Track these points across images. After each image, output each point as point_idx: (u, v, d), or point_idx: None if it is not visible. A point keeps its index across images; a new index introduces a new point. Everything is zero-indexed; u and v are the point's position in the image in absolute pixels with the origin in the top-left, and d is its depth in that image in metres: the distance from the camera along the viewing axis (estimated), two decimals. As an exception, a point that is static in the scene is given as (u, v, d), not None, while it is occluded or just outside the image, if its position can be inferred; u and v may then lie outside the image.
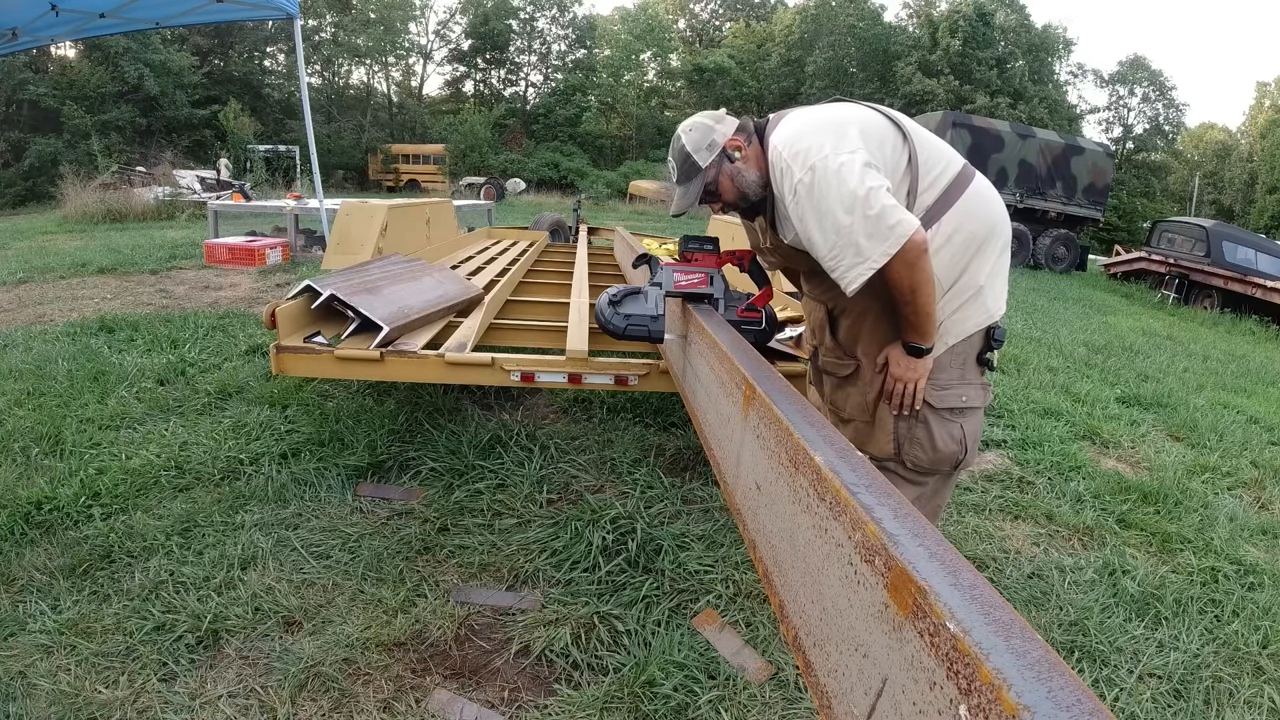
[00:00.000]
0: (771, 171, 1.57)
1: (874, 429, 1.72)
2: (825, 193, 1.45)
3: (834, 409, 1.83)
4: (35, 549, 2.02)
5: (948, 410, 1.64)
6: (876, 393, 1.69)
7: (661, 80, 40.29)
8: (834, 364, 1.77)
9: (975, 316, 1.65)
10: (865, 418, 1.74)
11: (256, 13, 7.26)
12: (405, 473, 2.60)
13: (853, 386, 1.75)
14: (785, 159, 1.51)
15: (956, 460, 1.68)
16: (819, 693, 0.72)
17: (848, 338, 1.71)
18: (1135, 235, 27.15)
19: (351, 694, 1.58)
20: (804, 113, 1.61)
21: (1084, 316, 8.28)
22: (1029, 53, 34.37)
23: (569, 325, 2.70)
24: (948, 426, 1.65)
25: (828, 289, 1.68)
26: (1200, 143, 44.12)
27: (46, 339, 4.00)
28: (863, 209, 1.42)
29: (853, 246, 1.44)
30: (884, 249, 1.42)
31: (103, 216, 11.50)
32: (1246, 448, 3.77)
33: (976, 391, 1.67)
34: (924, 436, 1.66)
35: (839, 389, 1.80)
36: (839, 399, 1.81)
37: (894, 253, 1.41)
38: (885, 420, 1.70)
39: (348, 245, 3.67)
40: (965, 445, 1.66)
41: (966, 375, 1.66)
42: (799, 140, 1.52)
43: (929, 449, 1.66)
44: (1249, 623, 2.11)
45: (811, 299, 1.82)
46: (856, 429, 1.76)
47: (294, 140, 24.39)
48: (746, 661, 1.77)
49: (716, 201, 1.71)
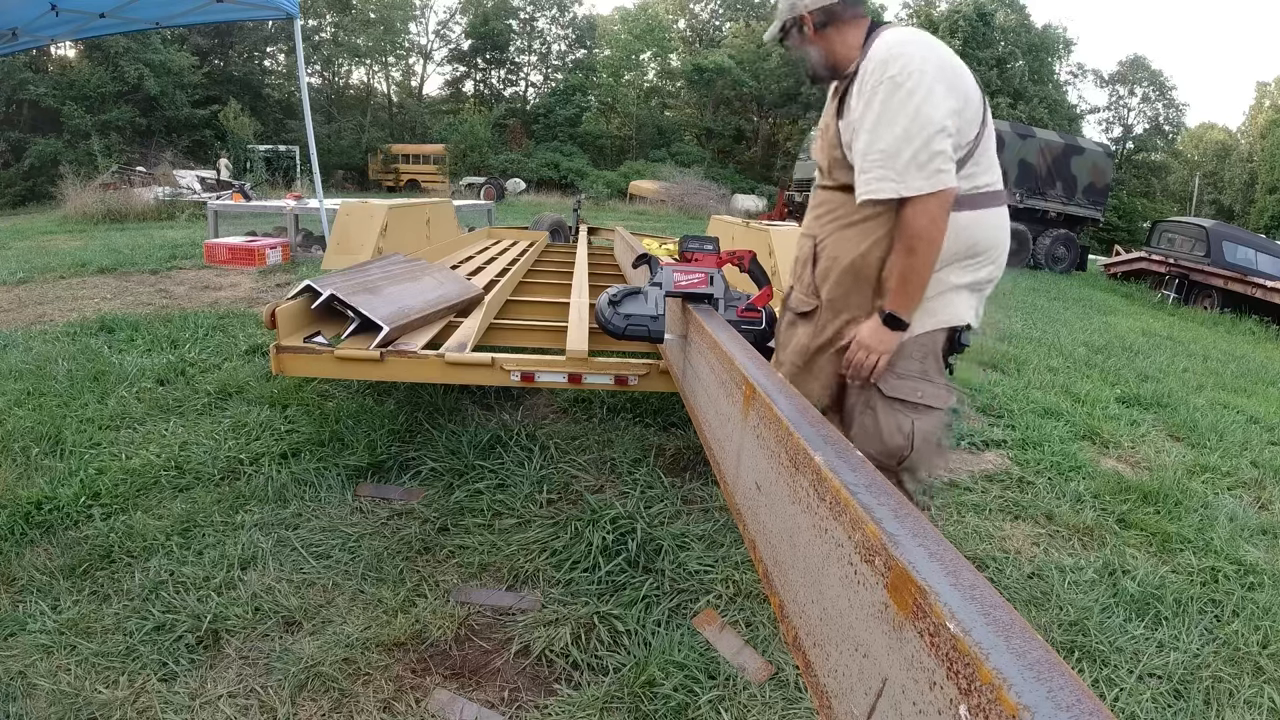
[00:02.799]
0: (866, 61, 1.54)
1: (806, 374, 1.72)
2: (904, 102, 1.45)
3: (780, 347, 1.83)
4: (35, 549, 2.02)
5: (899, 401, 1.62)
6: (823, 342, 1.68)
7: (661, 80, 40.31)
8: (800, 300, 1.76)
9: (943, 313, 1.63)
10: (799, 361, 1.73)
11: (256, 13, 7.26)
12: (405, 473, 2.60)
13: (804, 326, 1.73)
14: (893, 51, 1.50)
15: (901, 457, 1.64)
16: (819, 693, 0.72)
17: (820, 275, 1.69)
18: (1135, 235, 27.16)
19: (351, 694, 1.58)
20: (934, 40, 1.59)
21: (1084, 316, 8.28)
22: (1029, 53, 34.35)
23: (569, 325, 2.70)
24: (896, 418, 1.62)
25: (825, 221, 1.69)
26: (1200, 143, 44.12)
27: (46, 339, 4.00)
28: (924, 139, 1.43)
29: (894, 162, 1.44)
30: (919, 184, 1.43)
31: (103, 216, 11.49)
32: (1246, 448, 3.77)
33: (935, 390, 1.64)
34: (871, 425, 1.64)
35: (790, 327, 1.79)
36: (785, 338, 1.80)
37: (926, 192, 1.43)
38: (822, 372, 1.70)
39: (348, 245, 3.67)
40: (912, 443, 1.62)
41: (927, 371, 1.63)
42: (912, 45, 1.51)
43: (874, 438, 1.64)
44: (1249, 623, 2.11)
45: (805, 233, 1.81)
46: (788, 372, 1.74)
47: (294, 140, 24.40)
48: (746, 661, 1.77)
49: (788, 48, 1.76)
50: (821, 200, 1.74)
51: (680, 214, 21.01)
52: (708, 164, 33.42)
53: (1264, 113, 39.27)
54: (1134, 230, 29.81)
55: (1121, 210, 32.66)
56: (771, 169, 35.89)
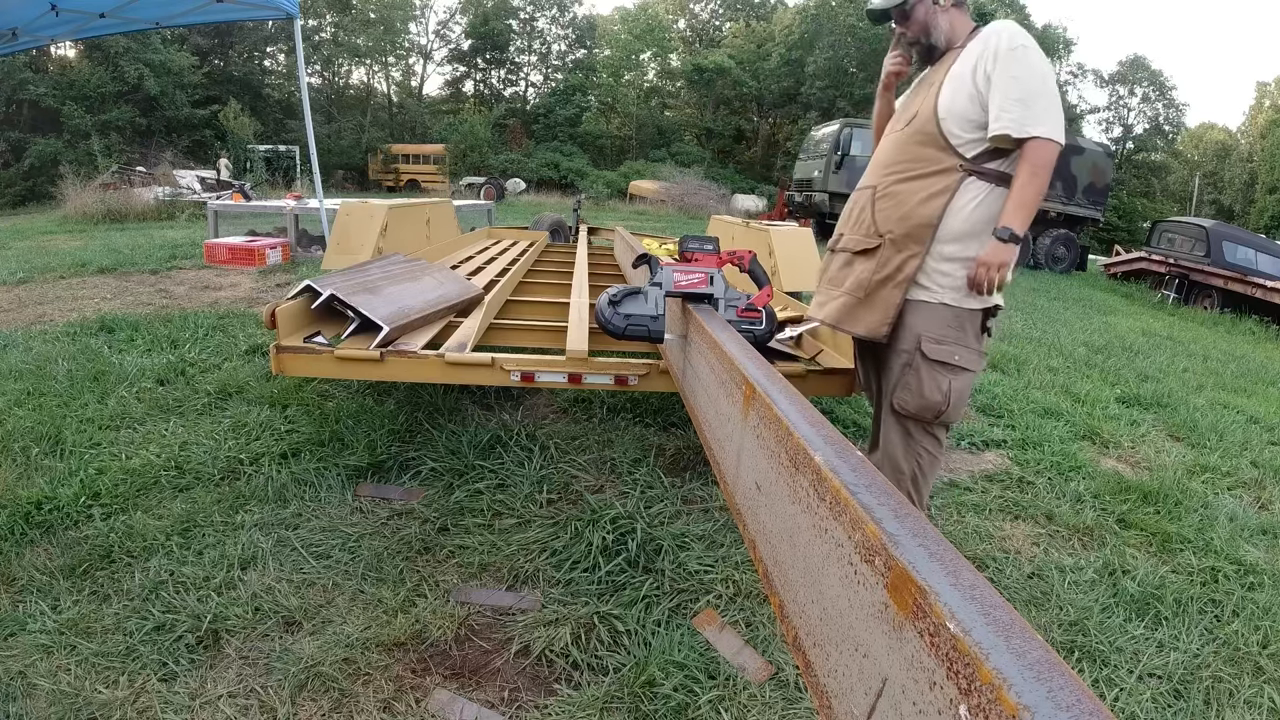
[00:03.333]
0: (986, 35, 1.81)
1: (866, 307, 1.92)
2: (1035, 66, 1.76)
3: (831, 285, 2.04)
4: (35, 549, 2.02)
5: (939, 364, 1.83)
6: (885, 275, 1.88)
7: (661, 80, 40.31)
8: (858, 240, 1.96)
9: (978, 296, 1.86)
10: (860, 294, 1.93)
11: (256, 13, 7.26)
12: (405, 473, 2.60)
13: (863, 262, 1.94)
14: (1016, 32, 1.80)
15: (938, 411, 1.86)
16: (819, 693, 0.72)
17: (883, 217, 1.90)
18: (1135, 235, 27.17)
19: (351, 694, 1.58)
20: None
21: (1084, 316, 8.28)
22: (1029, 53, 34.27)
23: (569, 325, 2.70)
24: (936, 378, 1.84)
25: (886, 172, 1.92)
26: (1200, 143, 44.13)
27: (46, 339, 4.00)
28: (1051, 96, 1.76)
29: (1036, 107, 1.72)
30: (1051, 129, 1.73)
31: (103, 216, 11.48)
32: (1246, 448, 3.77)
33: (970, 355, 1.85)
34: (914, 382, 1.87)
35: (847, 265, 2.00)
36: (842, 275, 2.01)
37: (1053, 137, 1.72)
38: (884, 302, 1.89)
39: (348, 245, 3.67)
40: (949, 400, 1.85)
41: (964, 339, 1.85)
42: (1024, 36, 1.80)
43: (916, 394, 1.86)
44: (1249, 623, 2.11)
45: (863, 186, 2.02)
46: (845, 304, 1.97)
47: (294, 140, 24.40)
48: (746, 661, 1.77)
49: (904, 24, 1.95)
50: (887, 152, 1.96)
51: (680, 214, 21.01)
52: (708, 164, 33.42)
53: (1264, 113, 39.28)
54: (1134, 230, 29.81)
55: (1121, 210, 32.67)
56: (771, 169, 35.88)
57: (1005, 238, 1.75)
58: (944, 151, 1.83)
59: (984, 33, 1.83)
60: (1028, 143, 1.72)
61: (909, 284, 1.85)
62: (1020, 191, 1.74)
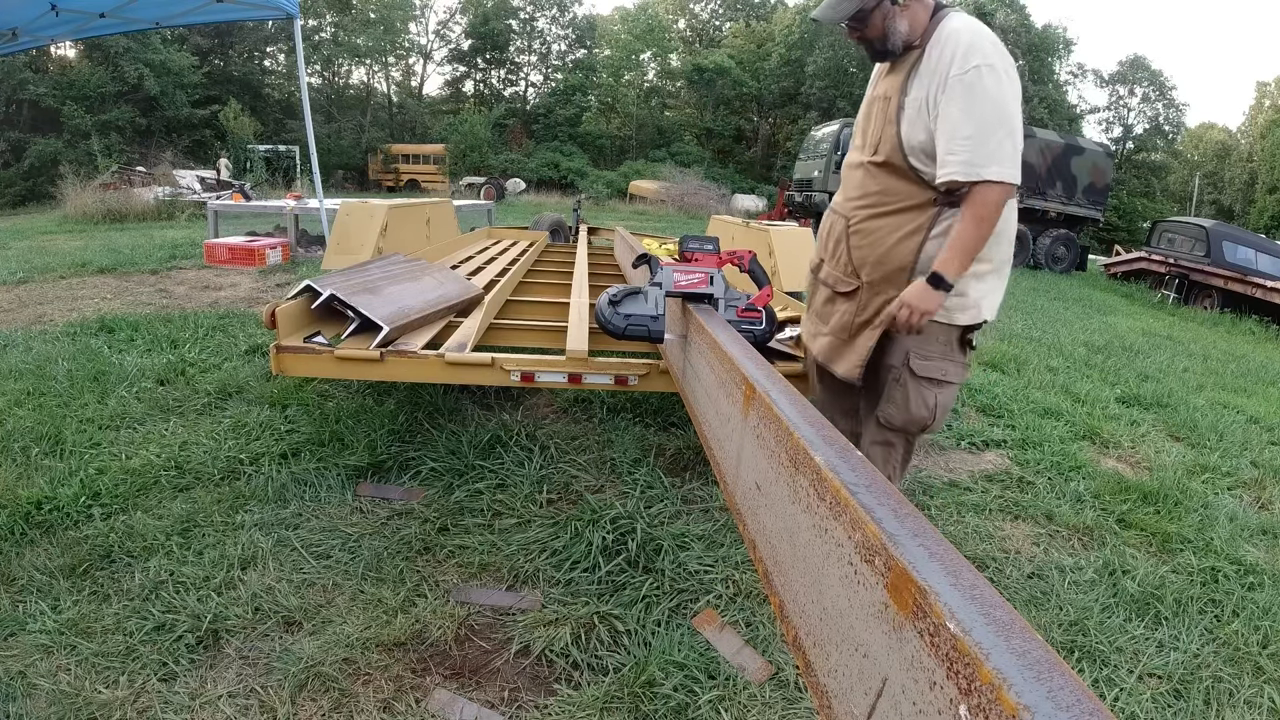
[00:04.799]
0: (943, 42, 1.67)
1: (847, 349, 1.91)
2: (998, 92, 1.59)
3: (818, 320, 2.04)
4: (35, 549, 2.02)
5: (927, 380, 1.84)
6: (865, 319, 1.87)
7: (661, 80, 40.28)
8: (838, 278, 1.94)
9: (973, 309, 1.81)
10: (844, 336, 1.93)
11: (256, 13, 7.27)
12: (405, 473, 2.60)
13: (845, 303, 1.92)
14: (972, 40, 1.63)
15: (924, 425, 1.88)
16: (819, 693, 0.72)
17: (859, 258, 1.86)
18: (1135, 235, 27.17)
19: (351, 694, 1.58)
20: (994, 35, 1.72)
21: (1084, 316, 8.28)
22: (1029, 53, 34.33)
23: (569, 325, 2.70)
24: (923, 393, 1.85)
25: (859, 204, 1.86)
26: (1200, 143, 44.13)
27: (46, 339, 4.00)
28: (1007, 130, 1.60)
29: (988, 145, 1.58)
30: (1001, 169, 1.59)
31: (103, 216, 11.48)
32: (1246, 448, 3.77)
33: (956, 369, 1.86)
34: (900, 398, 1.87)
35: (830, 302, 1.99)
36: (827, 311, 2.00)
37: (1004, 180, 1.59)
38: (861, 346, 1.88)
39: (348, 245, 3.66)
40: (934, 414, 1.87)
41: (950, 354, 1.85)
42: (988, 40, 1.65)
43: (902, 409, 1.87)
44: (1249, 623, 2.11)
45: (837, 212, 1.97)
46: (830, 343, 1.97)
47: (294, 140, 24.40)
48: (746, 661, 1.77)
49: (859, 31, 1.79)
50: (859, 181, 1.88)
51: (680, 214, 21.01)
52: (708, 164, 33.42)
53: (1264, 113, 39.28)
54: (1134, 230, 29.82)
55: (1121, 210, 32.66)
56: (771, 169, 35.87)
57: (934, 284, 1.66)
58: (915, 185, 1.75)
59: (941, 39, 1.68)
60: (976, 186, 1.60)
61: (884, 325, 1.81)
62: (960, 238, 1.63)
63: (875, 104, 1.85)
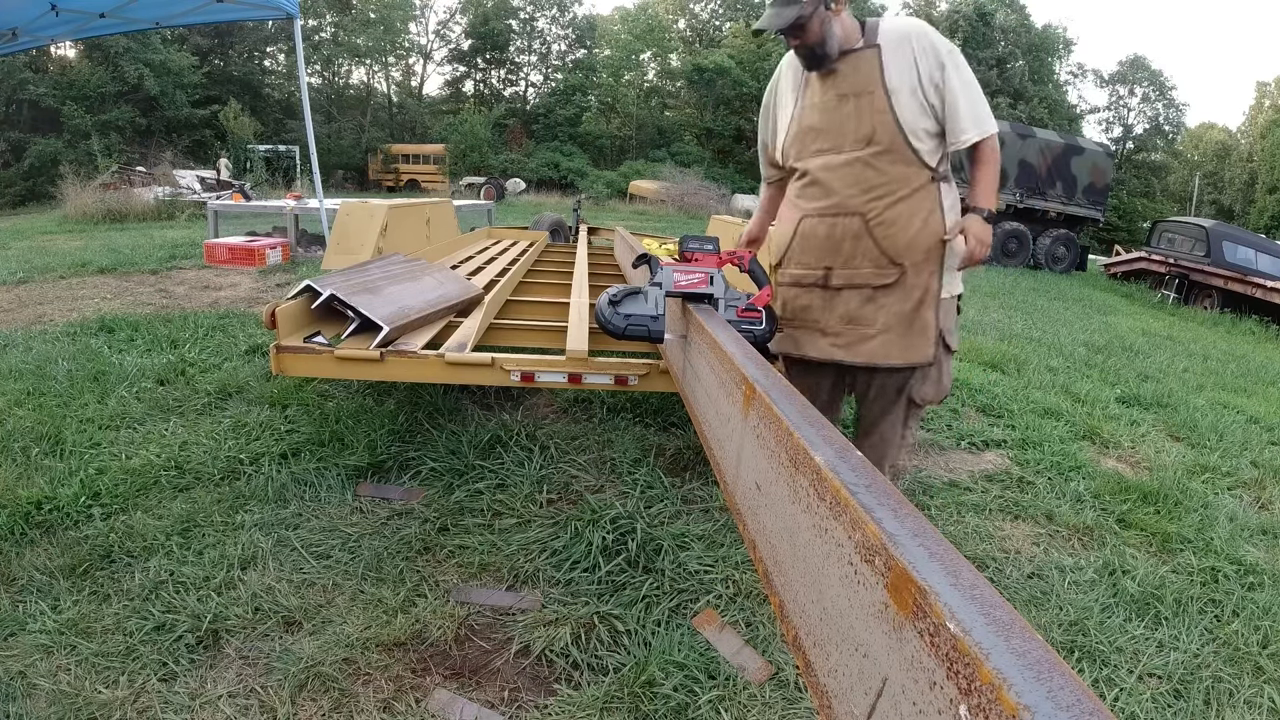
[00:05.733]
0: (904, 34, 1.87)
1: (913, 336, 1.93)
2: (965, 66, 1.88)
3: (855, 325, 1.98)
4: (35, 549, 2.02)
5: (951, 351, 2.03)
6: (918, 300, 1.91)
7: (661, 80, 40.27)
8: (871, 274, 1.93)
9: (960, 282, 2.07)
10: (902, 327, 1.92)
11: (256, 13, 7.27)
12: (405, 473, 2.60)
13: (890, 296, 1.92)
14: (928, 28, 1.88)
15: (946, 394, 2.10)
16: (819, 693, 0.72)
17: (892, 247, 1.90)
18: (1135, 235, 27.18)
19: (351, 694, 1.58)
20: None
21: (1084, 316, 8.28)
22: (1029, 53, 34.38)
23: (569, 325, 2.70)
24: (949, 364, 2.04)
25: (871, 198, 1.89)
26: (1200, 143, 44.12)
27: (46, 339, 4.00)
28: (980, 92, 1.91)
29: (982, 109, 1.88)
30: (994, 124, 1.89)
31: (103, 216, 11.47)
32: (1246, 448, 3.77)
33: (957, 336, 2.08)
34: (935, 375, 2.02)
35: (869, 302, 1.95)
36: (867, 313, 1.96)
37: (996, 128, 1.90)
38: (928, 325, 1.92)
39: (348, 245, 3.66)
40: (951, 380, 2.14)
41: (955, 323, 2.05)
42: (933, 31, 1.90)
43: (936, 384, 2.03)
44: (1249, 623, 2.11)
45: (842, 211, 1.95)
46: (887, 340, 1.94)
47: (294, 140, 24.39)
48: (746, 661, 1.77)
49: (798, 37, 1.89)
50: (855, 177, 1.92)
51: (680, 214, 21.00)
52: (708, 164, 33.39)
53: (1264, 113, 39.25)
54: (1134, 230, 29.83)
55: (1121, 210, 32.68)
56: (771, 169, 35.78)
57: (988, 217, 1.88)
58: (915, 167, 1.89)
59: (898, 34, 1.88)
60: (984, 142, 1.88)
61: (938, 297, 1.95)
62: (987, 180, 1.90)
63: (846, 103, 1.93)
